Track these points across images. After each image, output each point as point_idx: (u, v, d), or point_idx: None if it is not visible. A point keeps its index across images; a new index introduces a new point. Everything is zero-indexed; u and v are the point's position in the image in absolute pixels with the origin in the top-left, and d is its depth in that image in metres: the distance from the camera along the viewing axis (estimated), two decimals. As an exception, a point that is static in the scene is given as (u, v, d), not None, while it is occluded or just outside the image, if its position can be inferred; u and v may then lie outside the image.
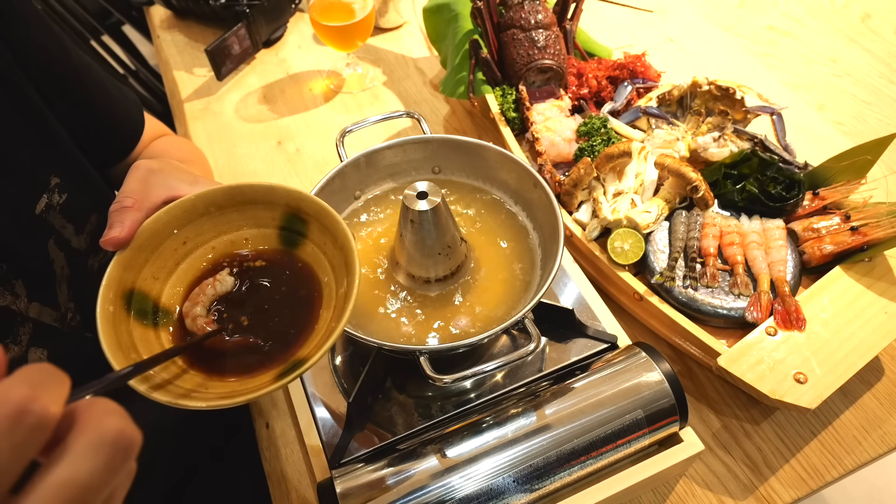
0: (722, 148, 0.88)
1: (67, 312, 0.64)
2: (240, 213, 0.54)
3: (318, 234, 0.53)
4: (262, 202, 0.54)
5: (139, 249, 0.50)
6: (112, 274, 0.48)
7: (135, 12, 1.66)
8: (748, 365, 0.70)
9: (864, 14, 1.32)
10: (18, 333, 0.58)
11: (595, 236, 0.83)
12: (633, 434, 0.62)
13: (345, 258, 0.50)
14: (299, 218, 0.54)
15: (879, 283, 0.75)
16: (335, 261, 0.52)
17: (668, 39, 1.27)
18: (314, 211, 0.53)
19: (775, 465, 0.72)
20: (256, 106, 1.16)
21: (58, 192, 0.63)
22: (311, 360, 0.44)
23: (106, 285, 0.47)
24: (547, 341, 0.71)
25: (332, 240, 0.52)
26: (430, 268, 0.65)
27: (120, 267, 0.49)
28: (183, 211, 0.52)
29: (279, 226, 0.55)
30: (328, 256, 0.53)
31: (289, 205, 0.54)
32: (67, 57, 0.67)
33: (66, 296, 0.64)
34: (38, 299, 0.60)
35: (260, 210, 0.54)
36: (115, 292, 0.48)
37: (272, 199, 0.54)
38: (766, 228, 0.81)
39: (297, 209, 0.54)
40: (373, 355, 0.65)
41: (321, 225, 0.53)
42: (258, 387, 0.44)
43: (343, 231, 0.50)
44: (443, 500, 0.57)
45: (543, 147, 0.92)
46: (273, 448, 0.75)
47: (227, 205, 0.54)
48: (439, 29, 1.15)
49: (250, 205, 0.54)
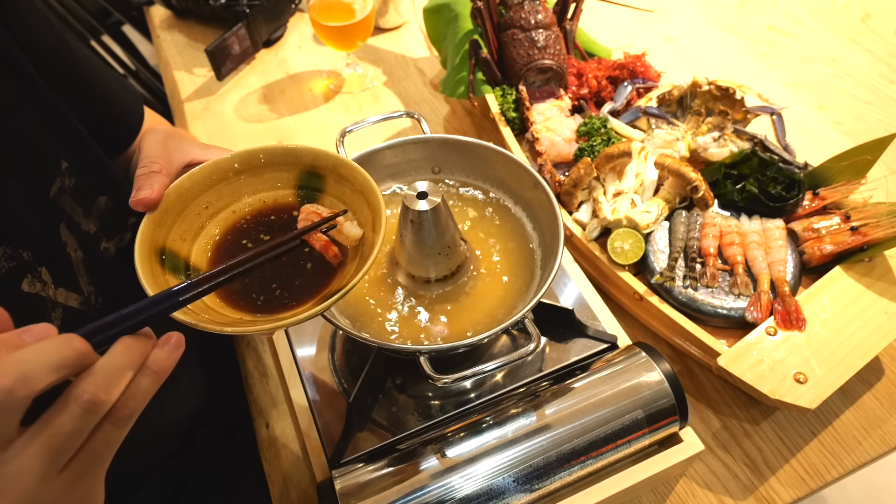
0: (722, 148, 0.88)
1: (91, 296, 0.65)
2: (256, 177, 0.57)
3: (336, 185, 0.56)
4: (278, 164, 0.57)
5: (166, 211, 0.52)
6: (144, 231, 0.50)
7: (135, 12, 1.66)
8: (748, 365, 0.70)
9: (864, 14, 1.32)
10: (51, 319, 0.59)
11: (595, 236, 0.83)
12: (633, 434, 0.62)
13: (366, 199, 0.53)
14: (315, 174, 0.57)
15: (879, 283, 0.75)
16: (356, 206, 0.54)
17: (668, 39, 1.27)
18: (330, 164, 0.55)
19: (775, 465, 0.72)
20: (256, 106, 1.16)
21: (68, 176, 0.63)
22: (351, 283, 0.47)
23: (140, 240, 0.49)
24: (547, 341, 0.72)
25: (350, 188, 0.55)
26: (430, 268, 0.65)
27: (152, 225, 0.51)
28: (204, 176, 0.55)
29: (296, 185, 0.57)
30: (348, 204, 0.55)
31: (303, 163, 0.56)
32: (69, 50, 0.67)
33: (86, 279, 0.65)
34: (63, 285, 0.61)
35: (276, 172, 0.57)
36: (149, 248, 0.50)
37: (287, 160, 0.57)
38: (766, 228, 0.81)
39: (311, 166, 0.56)
40: (373, 355, 0.65)
41: (338, 175, 0.55)
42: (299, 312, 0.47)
43: (361, 175, 0.53)
44: (443, 500, 0.57)
45: (543, 147, 0.92)
46: (273, 448, 0.75)
47: (244, 169, 0.57)
48: (439, 29, 1.15)
49: (267, 167, 0.57)
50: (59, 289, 0.61)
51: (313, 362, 0.71)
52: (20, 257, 0.57)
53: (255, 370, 0.82)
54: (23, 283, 0.57)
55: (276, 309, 0.51)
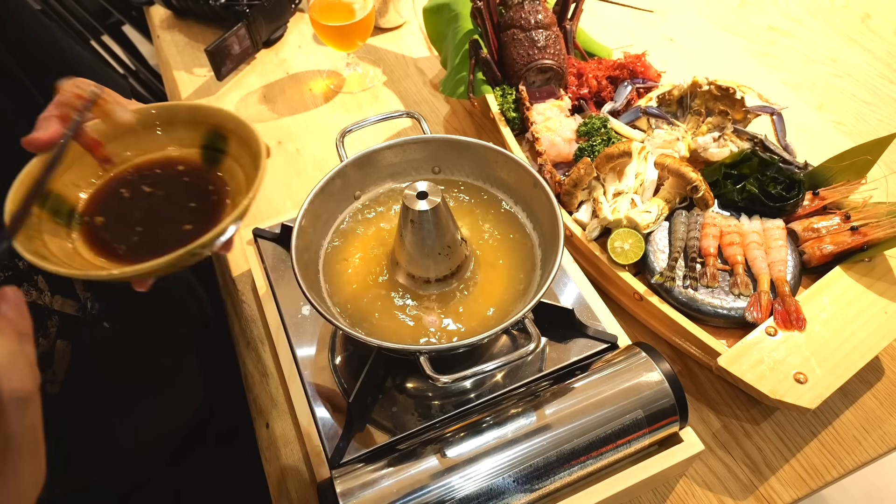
0: (722, 148, 0.87)
1: (87, 302, 0.65)
2: (165, 133, 0.57)
3: (237, 147, 0.56)
4: (187, 121, 0.57)
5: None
6: (29, 170, 0.50)
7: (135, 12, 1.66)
8: (748, 365, 0.70)
9: (864, 14, 1.32)
10: (47, 327, 0.59)
11: (595, 236, 0.83)
12: (633, 434, 0.62)
13: (251, 154, 0.53)
14: (220, 135, 0.56)
15: (879, 283, 0.75)
16: (249, 170, 0.54)
17: (668, 39, 1.27)
18: (233, 126, 0.55)
19: (775, 465, 0.72)
20: (256, 106, 1.16)
21: None
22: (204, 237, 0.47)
23: (21, 178, 0.49)
24: (547, 341, 0.72)
25: (247, 151, 0.55)
26: (430, 268, 0.65)
27: (39, 166, 0.50)
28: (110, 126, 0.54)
29: (201, 145, 0.57)
30: (244, 168, 0.55)
31: (210, 122, 0.56)
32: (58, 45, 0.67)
33: (82, 286, 0.65)
34: (59, 292, 0.61)
35: (184, 130, 0.57)
36: (29, 185, 0.49)
37: (195, 117, 0.57)
38: (766, 228, 0.81)
39: (217, 125, 0.56)
40: (373, 355, 0.65)
41: (239, 138, 0.55)
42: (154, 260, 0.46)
43: (255, 139, 0.53)
44: (443, 500, 0.57)
45: (543, 147, 0.92)
46: (273, 448, 0.75)
47: (153, 123, 0.57)
48: (439, 29, 1.15)
49: (176, 124, 0.57)
50: (55, 296, 0.61)
51: (313, 362, 0.71)
52: (16, 266, 0.57)
53: (255, 370, 0.82)
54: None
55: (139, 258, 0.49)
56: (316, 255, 0.69)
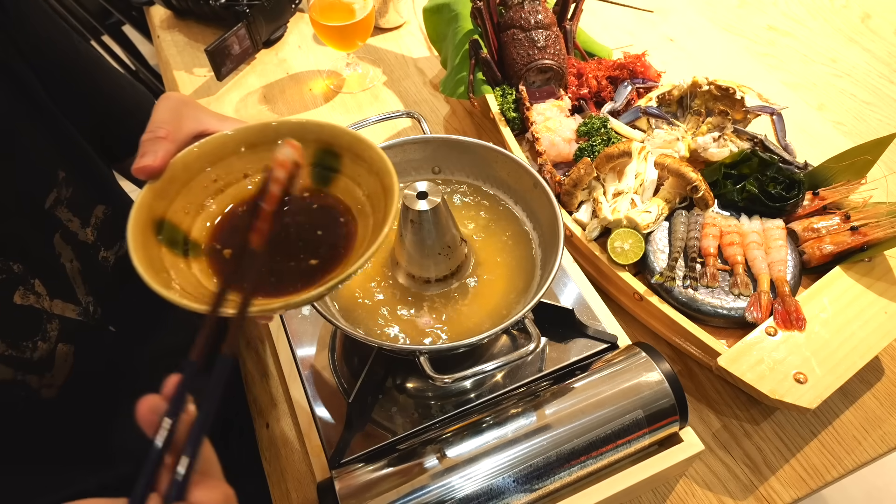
0: (722, 148, 0.87)
1: (89, 306, 0.64)
2: (271, 153, 0.52)
3: (352, 165, 0.52)
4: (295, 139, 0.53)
5: (171, 181, 0.49)
6: (143, 200, 0.47)
7: (135, 12, 1.66)
8: (748, 365, 0.70)
9: (864, 14, 1.32)
10: (46, 330, 0.59)
11: (595, 236, 0.83)
12: (633, 434, 0.62)
13: (381, 181, 0.49)
14: (331, 153, 0.53)
15: (879, 283, 0.75)
16: (371, 189, 0.51)
17: (668, 39, 1.27)
18: (347, 142, 0.52)
19: (775, 465, 0.72)
20: (256, 106, 1.16)
21: (65, 186, 0.63)
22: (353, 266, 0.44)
23: (137, 208, 0.46)
24: (547, 341, 0.72)
25: (367, 168, 0.51)
26: (430, 268, 0.65)
27: (151, 194, 0.48)
28: (215, 147, 0.52)
29: (311, 163, 0.53)
30: (363, 187, 0.52)
31: (320, 139, 0.52)
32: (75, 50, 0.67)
33: (84, 290, 0.64)
34: (59, 296, 0.61)
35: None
36: (146, 217, 0.47)
37: (304, 135, 0.52)
38: (766, 228, 0.81)
39: (328, 143, 0.52)
40: (373, 355, 0.65)
41: (354, 155, 0.52)
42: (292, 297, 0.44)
43: (378, 155, 0.49)
44: (443, 500, 0.57)
45: (543, 147, 0.92)
46: (273, 448, 0.75)
47: (259, 143, 0.53)
48: (439, 29, 1.15)
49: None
50: (54, 300, 0.60)
51: (313, 362, 0.71)
52: (10, 269, 0.56)
53: (255, 370, 0.82)
54: (15, 295, 0.56)
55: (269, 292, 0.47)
56: (316, 255, 0.69)
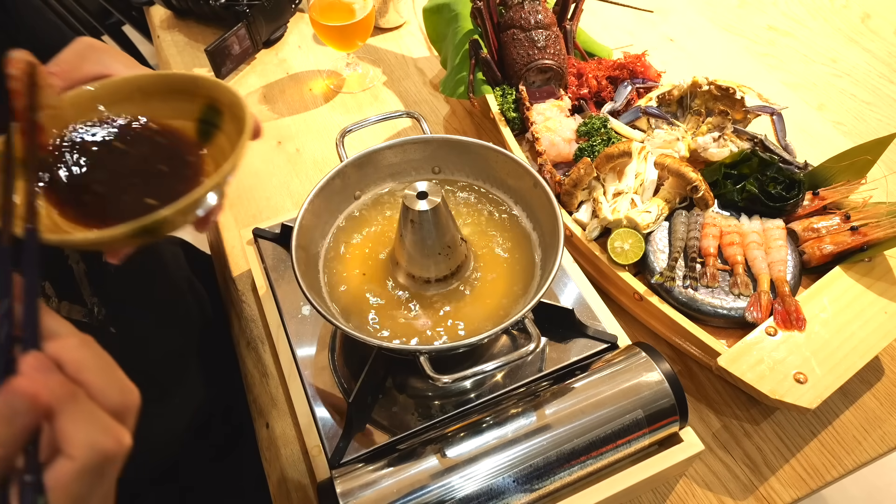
0: (722, 148, 0.87)
1: (94, 307, 0.65)
2: (163, 102, 0.55)
3: (229, 124, 0.54)
4: (186, 92, 0.55)
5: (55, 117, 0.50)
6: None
7: (135, 12, 1.66)
8: (748, 365, 0.70)
9: (864, 14, 1.32)
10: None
11: (595, 236, 0.83)
12: (633, 434, 0.62)
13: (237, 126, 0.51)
14: (216, 109, 0.54)
15: (879, 283, 0.75)
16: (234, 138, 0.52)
17: (668, 39, 1.27)
18: (228, 101, 0.53)
19: (775, 465, 0.72)
20: (256, 106, 1.16)
21: None
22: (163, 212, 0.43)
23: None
24: (547, 341, 0.72)
25: (237, 128, 0.52)
26: (430, 268, 0.65)
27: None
28: (108, 91, 0.52)
29: (198, 118, 0.55)
30: (233, 145, 0.53)
31: (209, 96, 0.54)
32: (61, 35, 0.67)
33: (89, 291, 0.64)
34: (66, 298, 0.61)
35: (183, 101, 0.55)
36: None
37: (195, 89, 0.54)
38: (766, 228, 0.81)
39: (215, 99, 0.54)
40: (373, 355, 0.65)
41: (231, 114, 0.53)
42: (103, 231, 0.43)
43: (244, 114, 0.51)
44: (443, 500, 0.57)
45: (543, 147, 0.92)
46: (273, 448, 0.75)
47: (154, 92, 0.54)
48: (439, 29, 1.15)
49: (175, 94, 0.55)
50: (62, 302, 0.60)
51: (313, 362, 0.71)
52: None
53: (255, 370, 0.82)
54: None
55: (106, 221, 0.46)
56: (316, 255, 0.69)
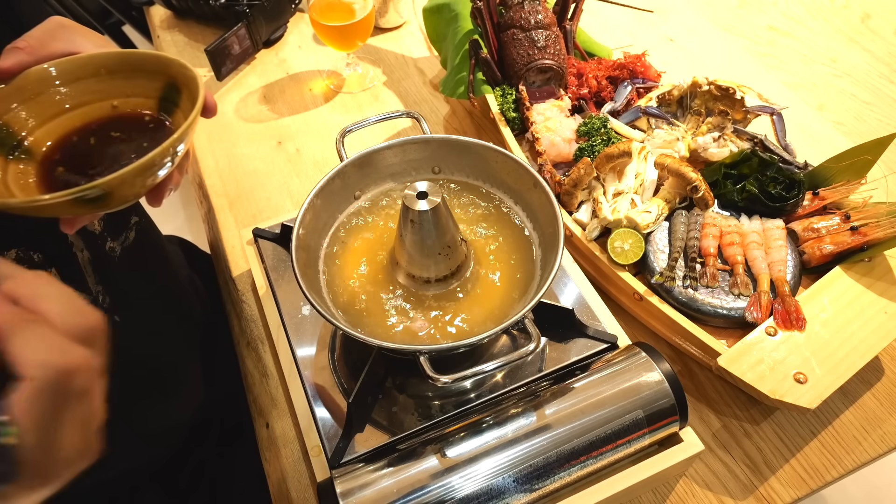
0: (722, 148, 0.88)
1: (99, 295, 0.65)
2: (127, 80, 0.58)
3: (186, 100, 0.57)
4: (149, 71, 0.58)
5: (19, 89, 0.53)
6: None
7: (135, 12, 1.66)
8: (748, 365, 0.70)
9: (864, 14, 1.32)
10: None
11: (595, 236, 0.83)
12: (633, 434, 0.62)
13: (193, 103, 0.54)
14: (175, 86, 0.58)
15: (879, 283, 0.75)
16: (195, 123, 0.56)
17: (668, 39, 1.27)
18: (184, 77, 0.57)
19: (775, 465, 0.72)
20: (256, 106, 1.16)
21: None
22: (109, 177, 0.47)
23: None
24: (547, 341, 0.71)
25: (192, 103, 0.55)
26: (430, 268, 0.65)
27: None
28: (74, 67, 0.55)
29: (159, 96, 0.59)
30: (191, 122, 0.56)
31: (169, 74, 0.57)
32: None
33: (94, 279, 0.65)
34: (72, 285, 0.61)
35: (145, 79, 0.58)
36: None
37: (158, 68, 0.58)
38: (766, 228, 0.81)
39: (174, 77, 0.57)
40: (373, 355, 0.65)
41: (188, 91, 0.57)
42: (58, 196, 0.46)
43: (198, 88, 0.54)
44: (443, 500, 0.57)
45: (543, 147, 0.92)
46: (273, 448, 0.75)
47: (118, 70, 0.57)
48: (439, 29, 1.15)
49: (138, 72, 0.58)
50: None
51: (313, 362, 0.71)
52: (31, 259, 0.57)
53: (255, 370, 0.82)
54: None
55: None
56: (316, 255, 0.69)
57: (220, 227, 0.97)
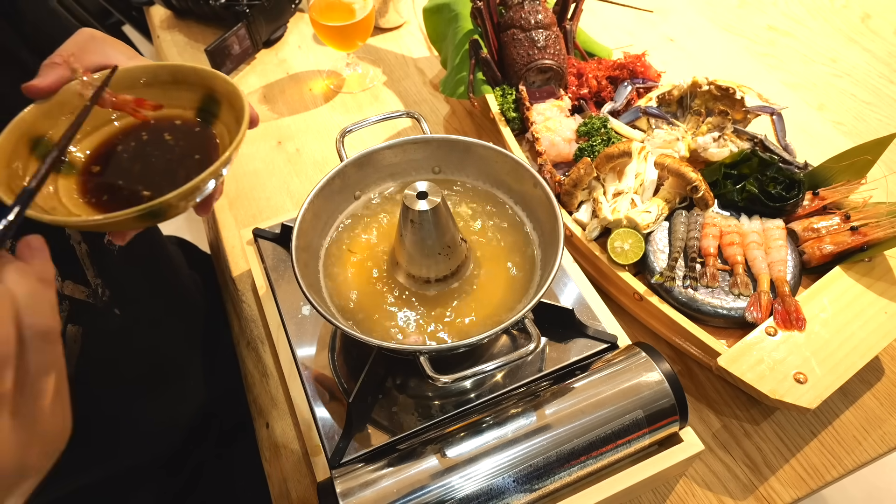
0: (722, 148, 0.87)
1: (98, 288, 0.65)
2: (164, 92, 0.58)
3: (227, 113, 0.57)
4: (187, 83, 0.58)
5: (61, 105, 0.53)
6: (26, 116, 0.51)
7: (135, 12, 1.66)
8: (748, 365, 0.70)
9: (864, 14, 1.32)
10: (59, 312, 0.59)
11: (595, 236, 0.83)
12: (633, 434, 0.62)
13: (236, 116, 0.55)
14: (214, 99, 0.58)
15: (879, 283, 0.75)
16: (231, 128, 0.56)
17: (668, 39, 1.27)
18: (226, 91, 0.57)
19: (775, 465, 0.72)
20: (256, 106, 1.16)
21: None
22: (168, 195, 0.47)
23: (15, 121, 0.50)
24: (547, 341, 0.72)
25: (234, 117, 0.56)
26: (430, 268, 0.65)
27: (36, 113, 0.51)
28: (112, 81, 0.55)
29: (197, 107, 0.59)
30: (231, 133, 0.57)
31: (207, 86, 0.58)
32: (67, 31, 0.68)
33: (93, 272, 0.65)
34: (70, 277, 0.62)
35: (183, 91, 0.59)
36: (22, 131, 0.50)
37: (195, 80, 0.58)
38: (766, 228, 0.81)
39: (212, 89, 0.58)
40: (373, 355, 0.65)
41: (229, 104, 0.57)
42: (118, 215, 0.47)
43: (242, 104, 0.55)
44: (443, 500, 0.57)
45: (543, 147, 0.92)
46: (273, 448, 0.75)
47: (154, 83, 0.58)
48: (439, 29, 1.15)
49: (175, 85, 0.59)
50: (66, 281, 0.61)
51: (313, 362, 0.71)
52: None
53: (255, 370, 0.82)
54: None
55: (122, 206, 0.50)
56: (316, 255, 0.69)
57: (220, 227, 0.97)
